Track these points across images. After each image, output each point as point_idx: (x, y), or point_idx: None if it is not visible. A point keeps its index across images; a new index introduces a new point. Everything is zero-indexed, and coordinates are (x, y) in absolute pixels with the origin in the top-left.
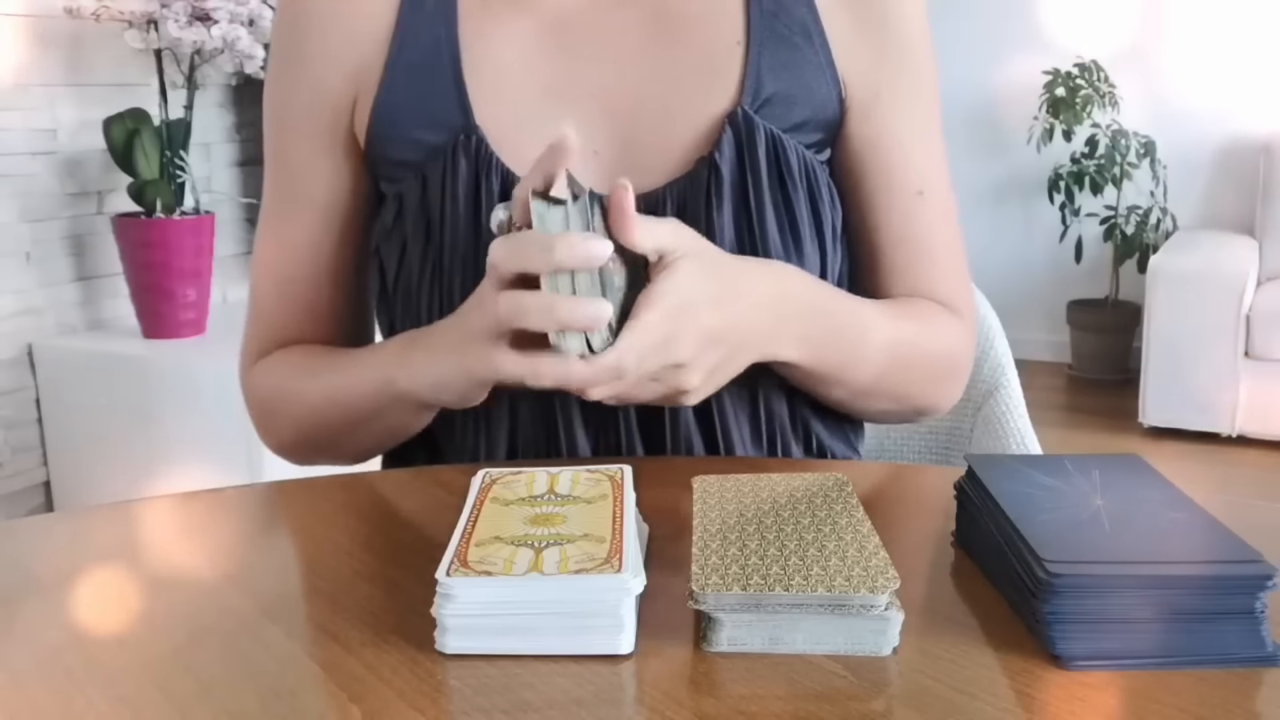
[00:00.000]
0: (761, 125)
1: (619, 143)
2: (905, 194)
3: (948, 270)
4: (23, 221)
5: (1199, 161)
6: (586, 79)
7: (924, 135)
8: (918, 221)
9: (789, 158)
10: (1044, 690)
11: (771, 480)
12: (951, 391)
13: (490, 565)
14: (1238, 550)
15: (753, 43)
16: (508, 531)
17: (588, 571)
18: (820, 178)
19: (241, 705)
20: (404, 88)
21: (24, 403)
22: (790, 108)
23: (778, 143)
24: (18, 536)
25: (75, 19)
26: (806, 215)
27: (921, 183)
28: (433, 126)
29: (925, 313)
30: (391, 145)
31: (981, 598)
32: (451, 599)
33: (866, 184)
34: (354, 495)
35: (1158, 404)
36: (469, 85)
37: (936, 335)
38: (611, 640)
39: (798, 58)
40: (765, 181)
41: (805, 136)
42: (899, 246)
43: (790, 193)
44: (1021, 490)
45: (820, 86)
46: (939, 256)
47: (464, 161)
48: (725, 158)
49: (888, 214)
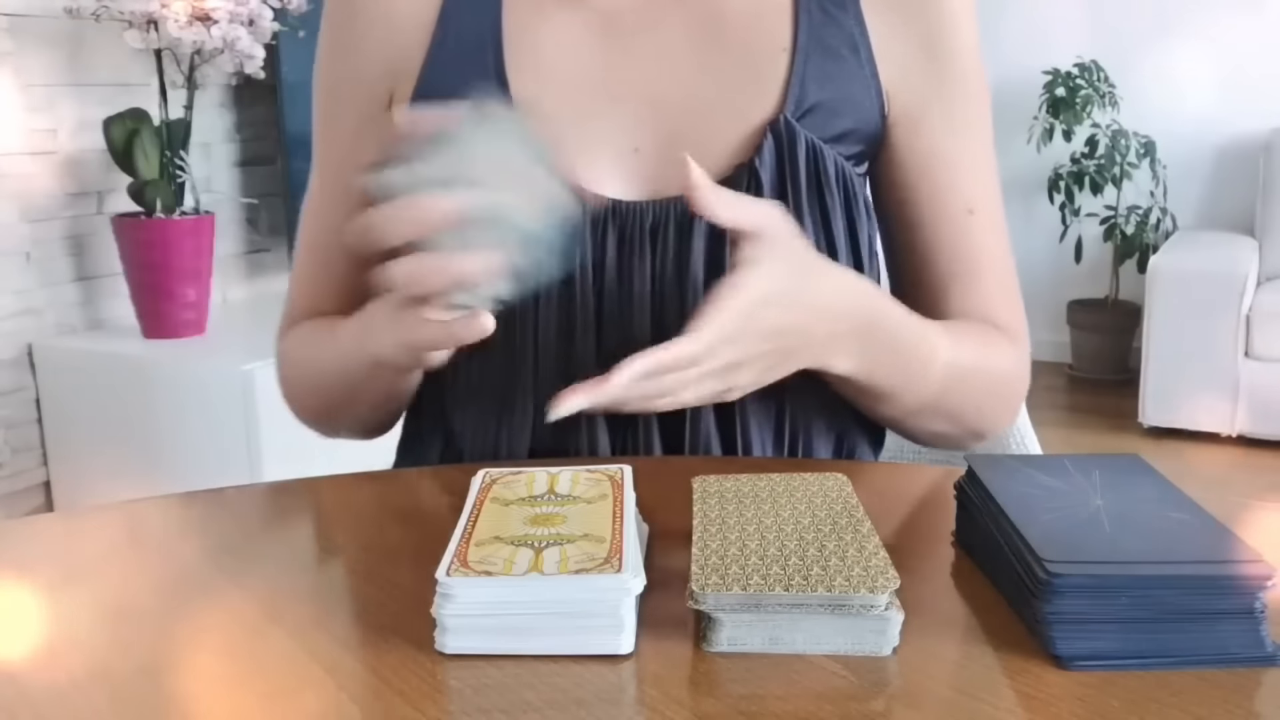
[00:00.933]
0: (803, 134)
1: (660, 142)
2: (956, 212)
3: (999, 291)
4: (23, 221)
5: (1199, 161)
6: (630, 77)
7: (975, 152)
8: (969, 241)
9: (828, 168)
10: (1044, 690)
11: (771, 480)
12: (1008, 416)
13: (490, 565)
14: (1238, 550)
15: (799, 51)
16: (508, 531)
17: (588, 571)
18: (858, 190)
19: (242, 705)
20: (444, 79)
21: (24, 403)
22: (832, 118)
23: (818, 153)
24: (18, 536)
25: (75, 19)
26: (842, 228)
27: (973, 201)
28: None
29: (982, 335)
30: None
31: (981, 598)
32: (451, 599)
33: (916, 201)
34: (354, 495)
35: (1158, 404)
36: (511, 78)
37: (994, 358)
38: (611, 640)
39: (843, 69)
40: (804, 191)
41: (845, 148)
42: (949, 266)
43: (828, 204)
44: (1022, 490)
45: (864, 99)
46: (990, 277)
47: None
48: (765, 165)
49: (937, 233)
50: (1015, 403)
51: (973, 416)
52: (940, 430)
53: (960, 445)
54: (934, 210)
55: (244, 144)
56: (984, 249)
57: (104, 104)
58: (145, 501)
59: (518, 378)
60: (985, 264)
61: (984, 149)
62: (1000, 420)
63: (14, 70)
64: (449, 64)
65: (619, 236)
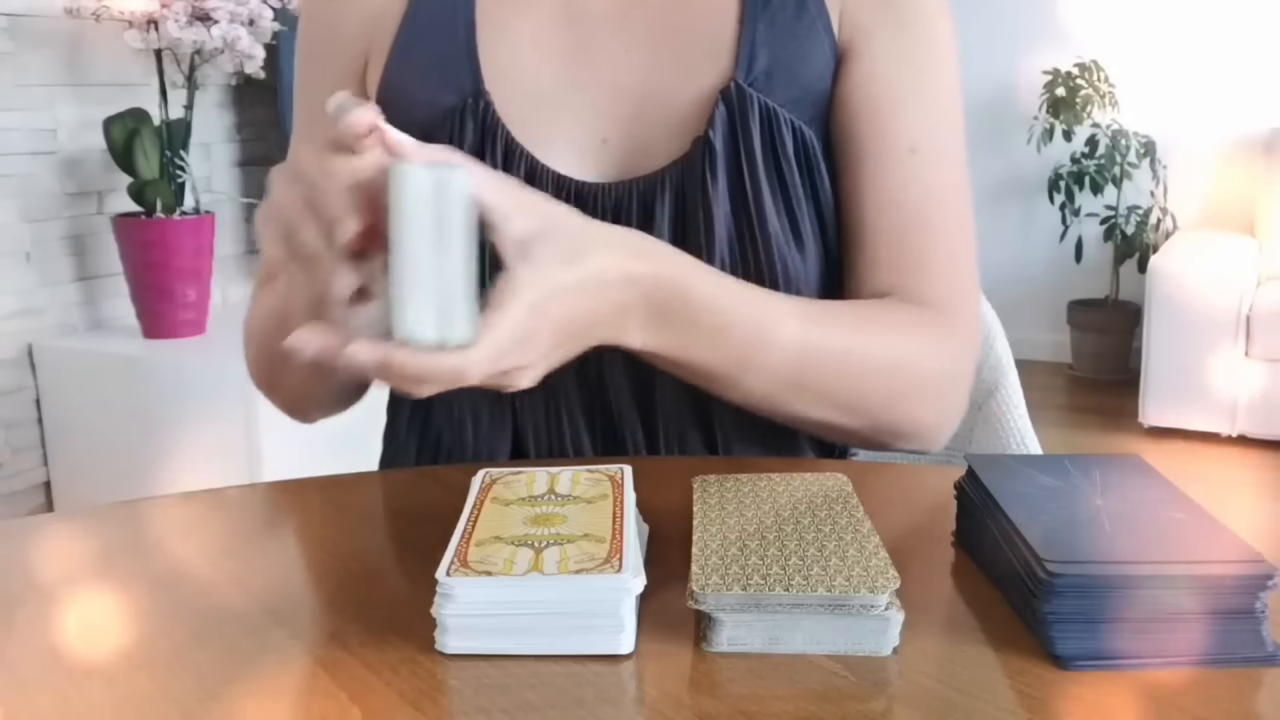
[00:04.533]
0: (755, 98)
1: (626, 130)
2: (894, 150)
3: (944, 261)
4: (23, 221)
5: (1199, 161)
6: (596, 66)
7: (924, 92)
8: (906, 186)
9: (783, 133)
10: (1044, 690)
11: (772, 480)
12: (933, 413)
13: (490, 565)
14: (1238, 550)
15: (747, 14)
16: (508, 531)
17: (588, 571)
18: (817, 154)
19: (242, 705)
20: (418, 47)
21: (24, 403)
22: (788, 79)
23: (772, 116)
24: (18, 536)
25: (75, 19)
26: (803, 192)
27: (914, 139)
28: (443, 88)
29: (879, 319)
30: (402, 103)
31: (981, 598)
32: (451, 599)
33: (852, 143)
34: (354, 495)
35: (1158, 404)
36: (481, 53)
37: (892, 345)
38: (611, 640)
39: (794, 27)
40: (759, 157)
41: (804, 110)
42: (885, 212)
43: (784, 168)
44: (1022, 490)
45: (817, 54)
46: (933, 240)
47: (470, 125)
48: (719, 134)
49: (874, 175)
50: (937, 395)
51: (869, 407)
52: (828, 420)
53: (880, 443)
54: (871, 149)
55: (244, 144)
56: (926, 200)
57: (104, 104)
58: (145, 501)
59: None
60: (926, 221)
61: (936, 88)
62: (918, 413)
63: (14, 70)
64: (422, 34)
65: None
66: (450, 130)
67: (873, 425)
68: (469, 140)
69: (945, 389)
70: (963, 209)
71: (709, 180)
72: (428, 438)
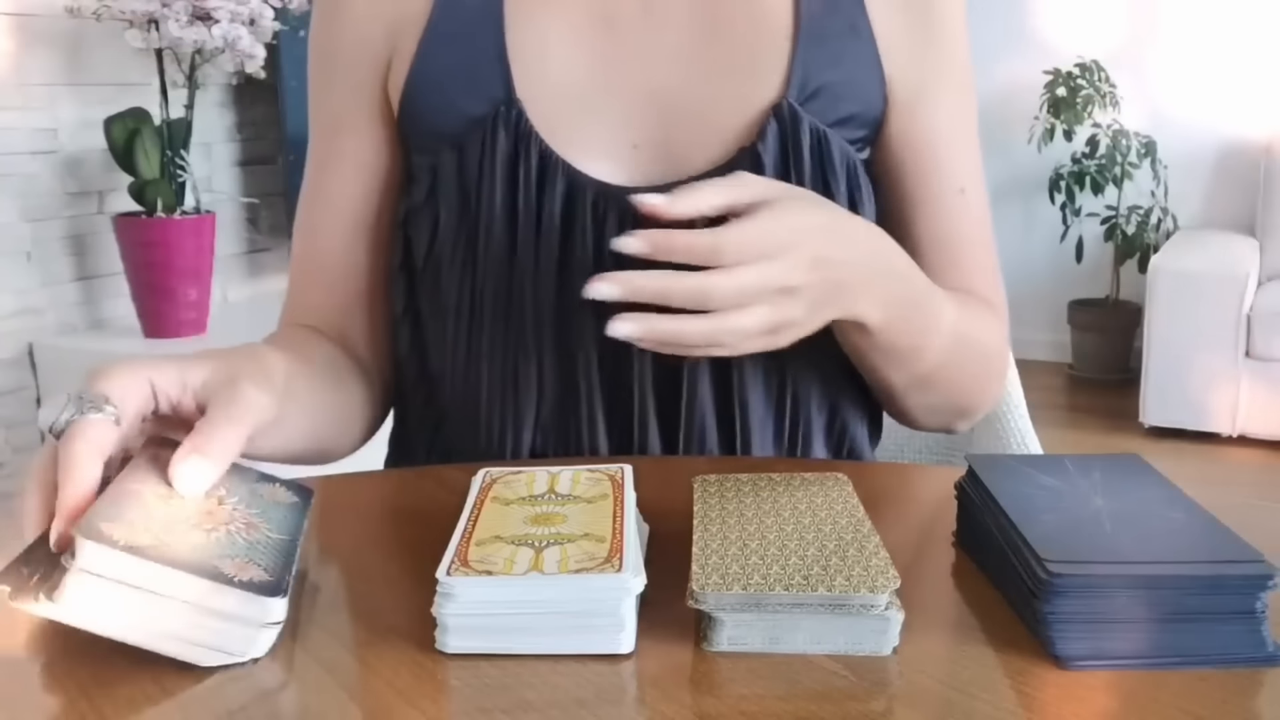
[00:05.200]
0: (806, 119)
1: (659, 136)
2: (948, 192)
3: (986, 268)
4: (23, 221)
5: (1200, 161)
6: (630, 70)
7: (965, 133)
8: (959, 220)
9: (832, 152)
10: (1044, 690)
11: (772, 480)
12: (995, 392)
13: (491, 565)
14: (1238, 550)
15: (801, 35)
16: (508, 531)
17: (588, 571)
18: (861, 177)
19: (242, 704)
20: (444, 53)
21: (24, 402)
22: (836, 102)
23: (822, 137)
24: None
25: (76, 18)
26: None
27: (964, 180)
28: (472, 96)
29: (978, 306)
30: (428, 112)
31: (981, 598)
32: (452, 598)
33: (908, 182)
34: (354, 495)
35: (1158, 404)
36: (511, 59)
37: (987, 331)
38: (612, 639)
39: (845, 52)
40: (808, 177)
41: (849, 132)
42: (941, 246)
43: (832, 188)
44: (1022, 490)
45: (867, 82)
46: (977, 253)
47: (503, 134)
48: (769, 149)
49: (930, 213)
50: (1001, 379)
51: (966, 388)
52: (934, 403)
53: (947, 424)
54: (927, 190)
55: (245, 143)
56: (973, 227)
57: (105, 103)
58: None
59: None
60: (973, 241)
61: (972, 128)
62: (989, 395)
63: (14, 70)
64: (450, 40)
65: (618, 225)
66: (482, 139)
67: (962, 406)
68: (502, 149)
69: (1005, 373)
70: (990, 224)
71: None
72: (437, 443)
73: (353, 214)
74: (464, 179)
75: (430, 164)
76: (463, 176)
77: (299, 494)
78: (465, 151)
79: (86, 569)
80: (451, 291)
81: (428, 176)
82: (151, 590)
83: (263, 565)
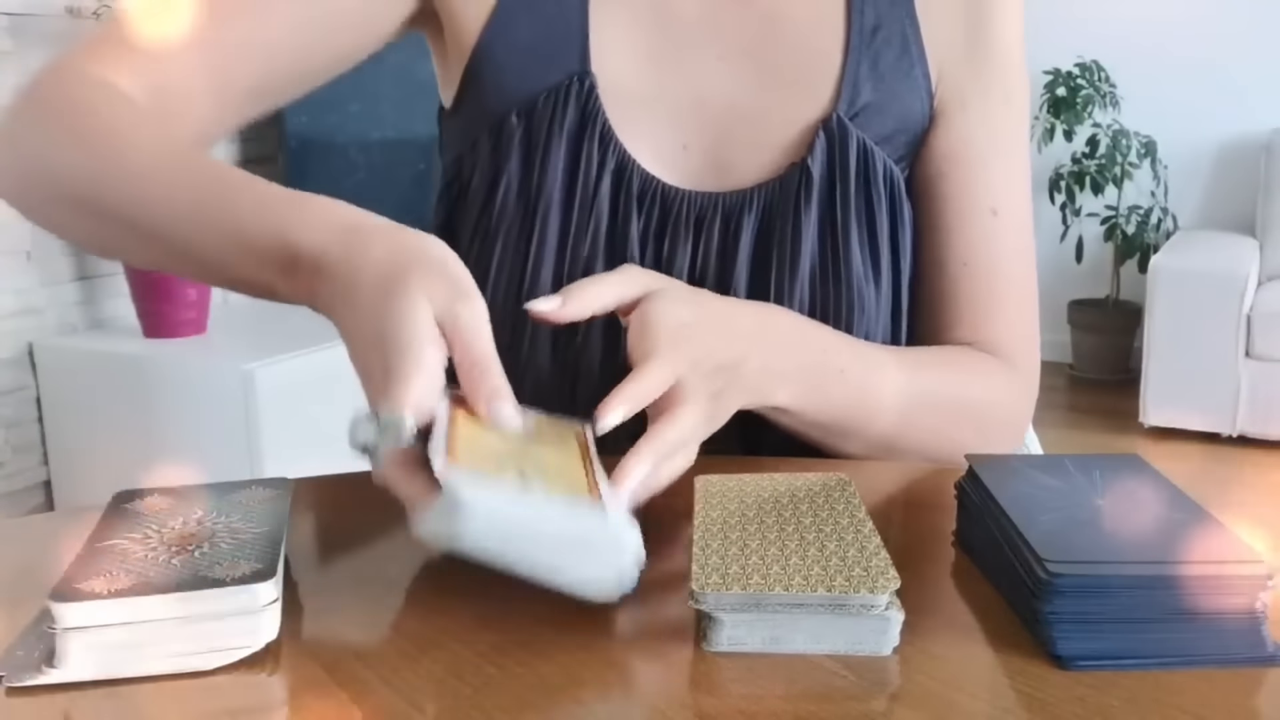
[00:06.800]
0: (855, 134)
1: (709, 140)
2: (979, 211)
3: (1013, 311)
4: (23, 220)
5: (1200, 161)
6: (686, 70)
7: (1004, 151)
8: (987, 244)
9: (877, 170)
10: (1044, 690)
11: (773, 480)
12: (1000, 442)
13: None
14: (1238, 550)
15: (852, 50)
16: (489, 449)
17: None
18: (902, 195)
19: (242, 705)
20: (521, 18)
21: (24, 402)
22: (883, 118)
23: (868, 153)
24: (18, 536)
25: (76, 18)
26: (885, 229)
27: (997, 202)
28: (549, 64)
29: (960, 361)
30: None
31: (981, 598)
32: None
33: (939, 200)
34: (353, 494)
35: (1158, 404)
36: (592, 32)
37: (974, 386)
38: (614, 563)
39: (894, 68)
40: (853, 192)
41: (892, 150)
42: (964, 271)
43: (874, 205)
44: (1022, 490)
45: (913, 98)
46: (1006, 293)
47: (573, 104)
48: (817, 163)
49: (958, 233)
50: (1005, 433)
51: (947, 449)
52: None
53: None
54: (956, 207)
55: (244, 143)
56: (1002, 257)
57: None
58: None
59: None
60: (1003, 274)
61: (1017, 153)
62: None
63: (14, 70)
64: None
65: (660, 222)
66: (551, 108)
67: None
68: (569, 120)
69: (1016, 430)
70: (1032, 267)
71: (802, 208)
72: None
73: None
74: (530, 146)
75: (492, 126)
76: (529, 144)
77: (276, 486)
78: (535, 112)
79: (72, 627)
80: (509, 252)
81: (489, 140)
82: (144, 621)
83: (252, 558)
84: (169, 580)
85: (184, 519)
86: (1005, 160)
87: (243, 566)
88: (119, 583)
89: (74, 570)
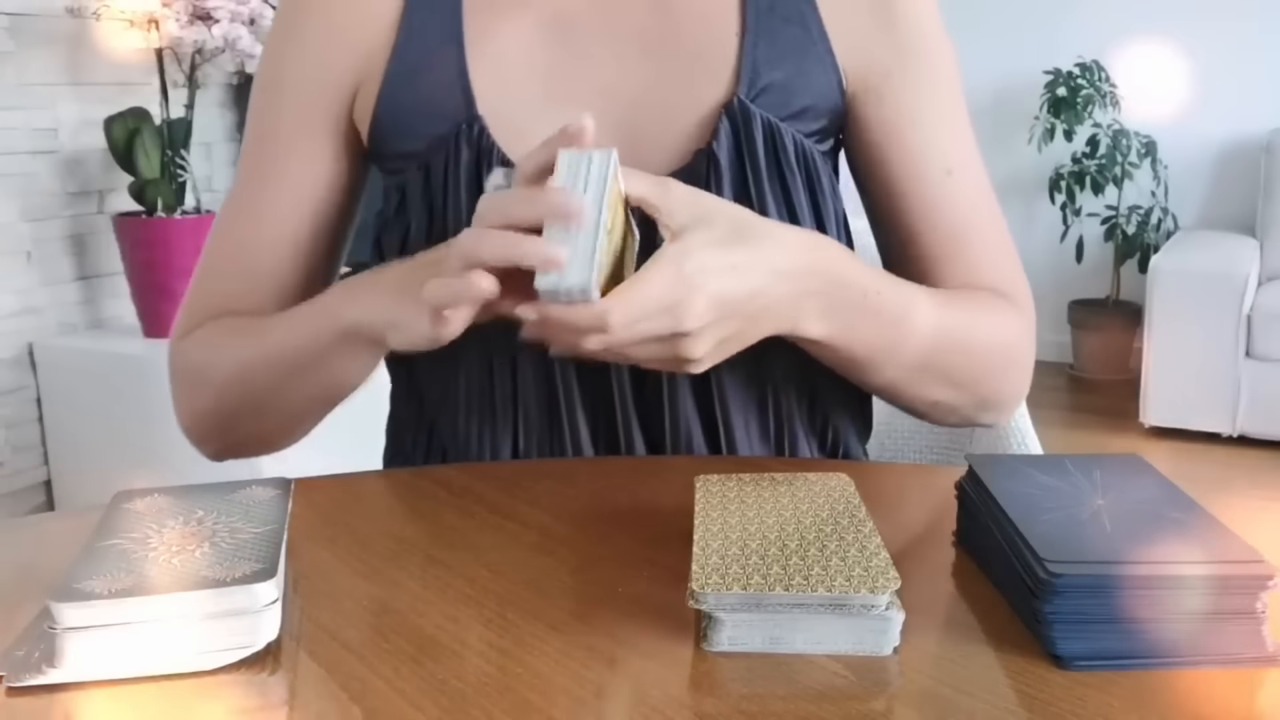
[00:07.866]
0: (758, 114)
1: (620, 138)
2: (934, 174)
3: (994, 254)
4: (23, 221)
5: (1200, 161)
6: (587, 74)
7: (947, 117)
8: (951, 203)
9: (787, 147)
10: (1044, 690)
11: (775, 480)
12: (1016, 386)
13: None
14: (1238, 550)
15: (748, 32)
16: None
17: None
18: (820, 167)
19: (242, 704)
20: (410, 81)
21: (24, 402)
22: (789, 96)
23: (775, 132)
24: (18, 536)
25: (76, 18)
26: (806, 205)
27: (949, 161)
28: (437, 117)
29: (975, 299)
30: (397, 137)
31: (981, 598)
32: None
33: (891, 169)
34: (354, 495)
35: (1158, 404)
36: (472, 77)
37: (991, 321)
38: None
39: (795, 46)
40: (764, 172)
41: (806, 125)
42: (934, 231)
43: (789, 182)
44: (1022, 490)
45: (819, 74)
46: (981, 239)
47: (466, 150)
48: (723, 148)
49: (918, 197)
50: (1021, 369)
51: (975, 381)
52: (942, 399)
53: (969, 417)
54: (910, 175)
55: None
56: (968, 210)
57: (105, 103)
58: None
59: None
60: (973, 225)
61: (954, 110)
62: (1006, 386)
63: (14, 70)
64: (415, 68)
65: None
66: (445, 157)
67: (977, 400)
68: (464, 163)
69: (1027, 362)
70: (997, 210)
71: (713, 192)
72: (434, 445)
73: (291, 232)
74: (430, 195)
75: (399, 183)
76: (429, 193)
77: (276, 486)
78: (431, 170)
79: (71, 627)
80: None
81: (396, 194)
82: (144, 621)
83: (252, 558)
84: (169, 580)
85: (184, 519)
86: (947, 121)
87: (243, 566)
88: (119, 583)
89: (74, 570)
